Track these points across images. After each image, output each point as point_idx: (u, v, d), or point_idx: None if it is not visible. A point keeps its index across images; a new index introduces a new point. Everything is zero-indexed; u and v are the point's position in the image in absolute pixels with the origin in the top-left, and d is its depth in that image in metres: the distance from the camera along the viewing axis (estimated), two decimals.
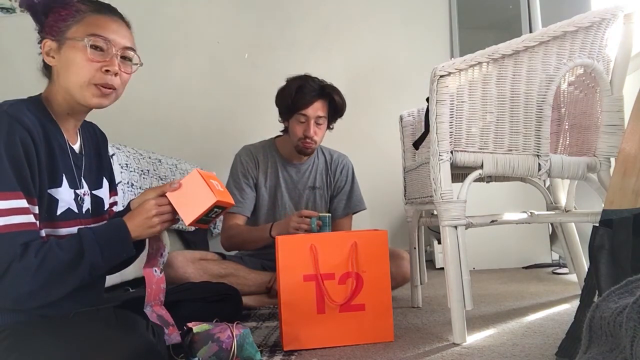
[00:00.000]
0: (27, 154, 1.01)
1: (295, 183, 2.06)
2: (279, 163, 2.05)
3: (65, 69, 1.09)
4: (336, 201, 2.11)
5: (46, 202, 1.06)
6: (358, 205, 2.12)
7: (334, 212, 2.10)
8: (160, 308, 1.21)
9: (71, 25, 1.09)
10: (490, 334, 1.37)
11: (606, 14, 1.35)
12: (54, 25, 1.09)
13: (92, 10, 1.12)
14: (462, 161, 1.32)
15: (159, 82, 3.12)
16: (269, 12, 3.21)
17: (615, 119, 1.40)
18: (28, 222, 0.99)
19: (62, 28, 1.09)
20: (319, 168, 2.09)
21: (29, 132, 1.01)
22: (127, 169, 2.02)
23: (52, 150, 1.08)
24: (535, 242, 2.63)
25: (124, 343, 0.98)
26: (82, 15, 1.10)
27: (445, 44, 3.17)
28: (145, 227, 1.10)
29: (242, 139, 2.21)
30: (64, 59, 1.09)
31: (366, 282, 1.36)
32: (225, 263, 1.92)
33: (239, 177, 2.02)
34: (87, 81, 1.08)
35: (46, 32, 1.10)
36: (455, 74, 1.29)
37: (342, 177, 2.11)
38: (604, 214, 1.12)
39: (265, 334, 1.49)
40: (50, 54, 1.10)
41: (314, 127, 1.92)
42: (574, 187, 1.69)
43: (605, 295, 0.80)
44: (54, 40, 1.09)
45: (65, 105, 1.12)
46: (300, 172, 2.07)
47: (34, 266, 0.97)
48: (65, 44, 1.08)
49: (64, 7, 1.10)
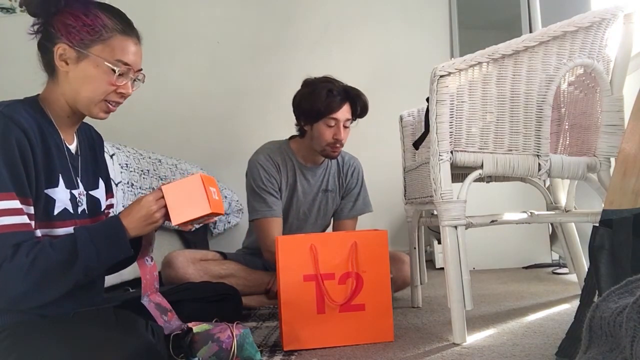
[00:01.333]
0: (22, 155, 1.00)
1: (311, 186, 2.03)
2: (297, 167, 2.00)
3: (81, 81, 1.09)
4: (344, 202, 2.08)
5: (43, 202, 1.06)
6: (364, 208, 2.10)
7: (340, 213, 2.08)
8: (156, 296, 1.22)
9: (97, 41, 1.08)
10: (490, 334, 1.37)
11: (606, 14, 1.35)
12: (74, 33, 1.07)
13: (120, 30, 1.11)
14: (462, 161, 1.32)
15: (159, 82, 3.12)
16: (269, 12, 3.21)
17: (615, 119, 1.40)
18: (21, 223, 0.99)
19: (85, 40, 1.08)
20: (332, 171, 2.06)
21: (25, 133, 1.01)
22: (127, 169, 2.02)
23: (49, 151, 1.07)
24: (535, 242, 2.63)
25: (123, 343, 0.98)
26: (109, 35, 1.09)
27: (445, 44, 3.17)
28: (146, 223, 1.10)
29: (242, 139, 2.21)
30: (81, 71, 1.09)
31: (366, 282, 1.36)
32: (225, 263, 1.92)
33: (263, 182, 1.92)
34: (100, 99, 1.11)
35: (61, 33, 1.07)
36: (455, 74, 1.29)
37: (353, 180, 2.08)
38: (604, 214, 1.12)
39: (265, 334, 1.49)
40: (64, 59, 1.08)
41: (343, 130, 1.88)
42: (574, 187, 1.69)
43: (605, 295, 0.80)
44: (72, 48, 1.07)
45: (67, 109, 1.13)
46: (316, 176, 2.03)
47: (25, 266, 0.96)
48: (88, 58, 1.08)
49: (85, 12, 1.08)
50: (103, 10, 1.11)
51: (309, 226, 2.05)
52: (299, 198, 2.01)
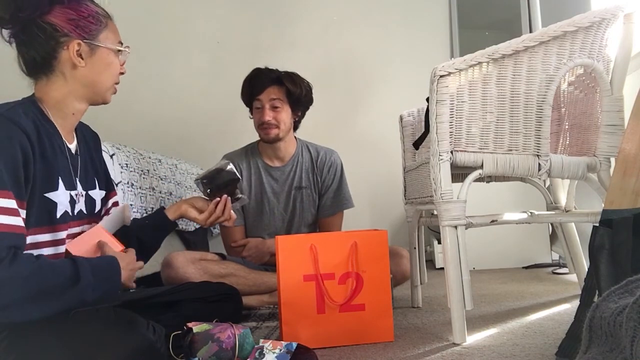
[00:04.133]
0: (25, 158, 1.00)
1: (281, 185, 2.04)
2: (262, 168, 2.04)
3: (98, 72, 1.14)
4: (324, 199, 2.08)
5: (46, 206, 1.05)
6: (346, 203, 2.10)
7: (322, 211, 2.08)
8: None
9: (101, 29, 1.13)
10: (490, 334, 1.37)
11: (606, 14, 1.35)
12: (82, 26, 1.10)
13: (105, 14, 1.16)
14: (462, 161, 1.32)
15: (159, 82, 3.13)
16: (269, 12, 3.21)
17: (615, 119, 1.40)
18: (16, 225, 0.96)
19: (93, 31, 1.12)
20: (304, 167, 2.07)
21: (27, 136, 1.01)
22: (127, 169, 2.01)
23: (49, 153, 1.07)
24: (535, 242, 2.63)
25: (123, 343, 0.98)
26: (105, 20, 1.15)
27: (445, 44, 3.17)
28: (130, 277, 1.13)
29: (241, 139, 2.21)
30: (96, 62, 1.13)
31: (366, 282, 1.36)
32: (225, 263, 1.92)
33: None
34: (114, 83, 1.19)
35: (69, 30, 1.08)
36: (455, 74, 1.29)
37: (330, 175, 2.08)
38: (604, 214, 1.12)
39: (265, 334, 1.49)
40: (79, 54, 1.10)
41: (270, 111, 1.93)
42: (574, 187, 1.69)
43: (605, 295, 0.80)
44: (84, 42, 1.10)
45: (75, 107, 1.14)
46: (284, 174, 2.05)
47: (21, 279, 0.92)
48: (99, 48, 1.13)
49: (78, 4, 1.10)
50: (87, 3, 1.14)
51: (295, 226, 2.07)
52: (270, 198, 2.04)
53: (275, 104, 1.93)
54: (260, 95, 1.93)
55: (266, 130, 1.95)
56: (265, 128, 1.94)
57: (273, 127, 1.94)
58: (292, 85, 1.94)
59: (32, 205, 1.03)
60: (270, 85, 1.94)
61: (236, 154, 2.08)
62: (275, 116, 1.93)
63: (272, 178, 2.04)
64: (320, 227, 2.12)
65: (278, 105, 1.94)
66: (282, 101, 1.94)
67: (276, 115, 1.94)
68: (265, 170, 2.04)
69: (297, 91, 1.95)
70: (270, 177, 2.04)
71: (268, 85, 1.93)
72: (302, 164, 2.07)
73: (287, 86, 1.93)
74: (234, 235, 2.05)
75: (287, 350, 1.11)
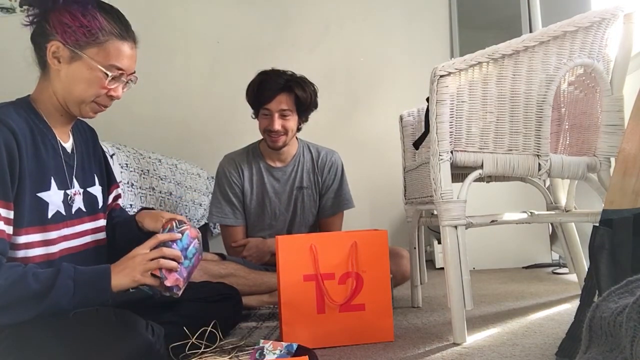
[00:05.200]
0: (10, 158, 0.99)
1: (283, 186, 2.04)
2: (264, 168, 2.04)
3: (72, 81, 1.08)
4: (324, 200, 2.08)
5: (37, 206, 1.04)
6: (346, 203, 2.10)
7: (322, 211, 2.08)
8: None
9: (92, 43, 1.07)
10: (490, 334, 1.37)
11: (606, 14, 1.35)
12: (69, 32, 1.05)
13: (116, 34, 1.09)
14: (462, 161, 1.32)
15: (159, 82, 3.12)
16: (269, 12, 3.21)
17: (615, 119, 1.40)
18: None
19: (80, 41, 1.06)
20: (306, 167, 2.07)
21: (15, 136, 1.00)
22: (127, 169, 2.01)
23: (41, 152, 1.07)
24: (535, 242, 2.63)
25: (123, 343, 0.98)
26: (105, 38, 1.08)
27: (445, 44, 3.17)
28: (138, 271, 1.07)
29: (242, 139, 2.21)
30: (73, 71, 1.07)
31: (366, 282, 1.36)
32: (225, 263, 1.91)
33: (226, 189, 2.01)
34: (90, 100, 1.11)
35: (56, 31, 1.06)
36: (455, 74, 1.29)
37: (331, 175, 2.07)
38: (604, 214, 1.12)
39: (265, 334, 1.49)
40: (56, 56, 1.07)
41: (279, 120, 1.90)
42: (574, 187, 1.69)
43: (605, 295, 0.80)
44: (66, 47, 1.06)
45: (59, 107, 1.12)
46: (286, 174, 2.04)
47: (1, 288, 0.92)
48: (81, 59, 1.07)
49: (83, 12, 1.06)
50: (101, 11, 1.09)
51: (296, 226, 2.07)
52: (272, 199, 2.03)
53: (285, 114, 1.90)
54: (269, 104, 1.89)
55: (274, 138, 1.93)
56: (274, 136, 1.92)
57: (281, 135, 1.93)
58: (301, 92, 1.91)
59: (24, 205, 1.02)
60: (279, 93, 1.89)
61: (237, 154, 2.08)
62: (284, 124, 1.91)
63: (274, 178, 2.04)
64: (320, 227, 2.12)
65: (287, 114, 1.91)
66: (291, 110, 1.92)
67: (285, 124, 1.91)
68: (267, 171, 2.04)
69: (306, 98, 1.93)
70: (272, 177, 2.04)
71: (277, 93, 1.89)
72: (303, 164, 2.07)
73: (297, 93, 1.90)
74: (235, 235, 2.05)
75: (287, 351, 1.11)
